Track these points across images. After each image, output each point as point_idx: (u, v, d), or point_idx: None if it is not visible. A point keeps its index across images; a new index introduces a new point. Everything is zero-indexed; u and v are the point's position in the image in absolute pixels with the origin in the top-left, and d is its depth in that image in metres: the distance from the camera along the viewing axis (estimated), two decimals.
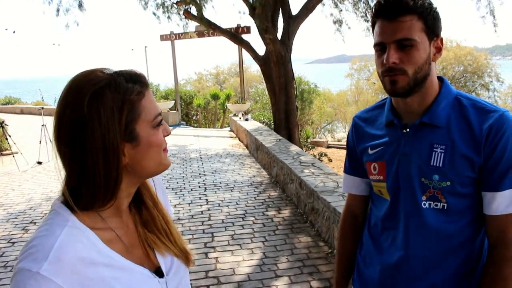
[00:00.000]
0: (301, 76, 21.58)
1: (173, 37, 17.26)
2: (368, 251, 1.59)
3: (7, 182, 8.68)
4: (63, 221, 0.91)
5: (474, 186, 1.35)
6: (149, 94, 0.99)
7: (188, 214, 6.05)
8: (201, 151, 11.11)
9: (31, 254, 0.85)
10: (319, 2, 11.04)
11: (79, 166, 0.91)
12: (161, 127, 1.01)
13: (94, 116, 0.89)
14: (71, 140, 0.90)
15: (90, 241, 0.92)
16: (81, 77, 0.94)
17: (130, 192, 1.02)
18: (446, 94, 1.39)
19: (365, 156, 1.55)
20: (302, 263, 4.29)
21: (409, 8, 1.26)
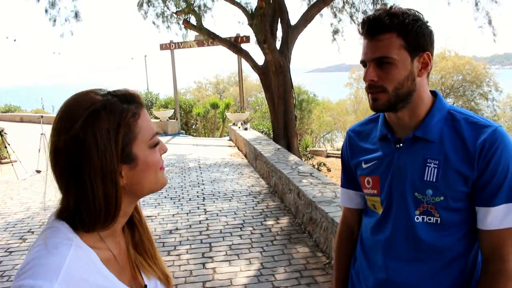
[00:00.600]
0: (300, 85, 21.65)
1: (172, 46, 17.31)
2: (361, 266, 1.59)
3: (6, 191, 8.67)
4: (67, 240, 0.90)
5: (467, 201, 1.35)
6: (145, 114, 0.98)
7: (186, 223, 6.04)
8: (200, 160, 11.11)
9: (39, 271, 0.83)
10: (317, 13, 11.11)
11: (78, 191, 0.90)
12: (158, 146, 1.01)
13: (90, 141, 0.88)
14: (67, 165, 0.90)
15: (92, 262, 0.91)
16: (74, 100, 0.93)
17: (127, 211, 1.02)
18: (439, 109, 1.39)
19: (359, 170, 1.56)
20: (300, 274, 4.28)
21: (387, 26, 1.28)
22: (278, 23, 11.37)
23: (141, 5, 12.63)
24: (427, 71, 1.36)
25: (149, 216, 6.43)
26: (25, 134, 16.80)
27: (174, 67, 18.05)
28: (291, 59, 11.53)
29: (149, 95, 23.41)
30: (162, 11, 12.78)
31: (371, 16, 1.32)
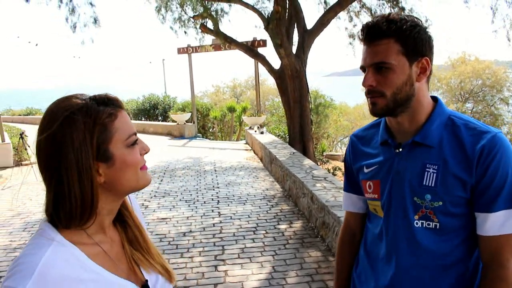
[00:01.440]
0: (317, 89, 21.60)
1: (190, 50, 17.45)
2: (364, 269, 1.61)
3: (25, 192, 8.85)
4: (48, 239, 0.95)
5: (466, 207, 1.36)
6: (123, 115, 1.03)
7: (200, 226, 6.09)
8: (216, 164, 11.18)
9: (16, 272, 0.89)
10: (334, 17, 11.11)
11: (56, 187, 0.96)
12: (138, 146, 1.05)
13: (67, 140, 0.94)
14: (48, 162, 0.96)
15: (75, 258, 0.95)
16: (56, 103, 1.00)
17: (111, 209, 1.06)
18: (439, 114, 1.40)
19: (361, 175, 1.57)
20: (311, 278, 4.29)
21: (385, 32, 1.31)
22: (294, 27, 11.41)
23: (159, 10, 12.79)
24: (426, 76, 1.37)
25: (163, 219, 6.51)
26: None
27: (192, 70, 18.19)
28: (308, 63, 11.55)
29: (166, 98, 23.65)
30: (180, 16, 12.92)
31: (370, 23, 1.35)
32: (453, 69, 30.61)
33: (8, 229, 6.40)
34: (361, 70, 1.39)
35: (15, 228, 6.41)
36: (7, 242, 5.82)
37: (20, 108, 33.79)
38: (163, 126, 19.11)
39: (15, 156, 12.00)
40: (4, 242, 5.85)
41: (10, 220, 6.84)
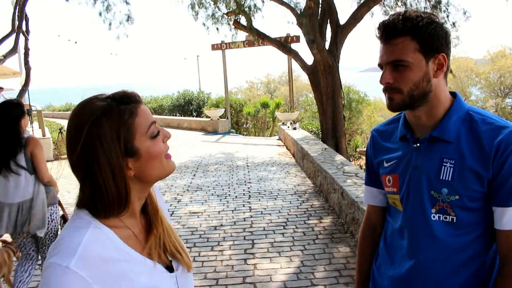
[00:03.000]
0: (350, 85, 21.42)
1: (223, 46, 17.59)
2: (383, 261, 1.63)
3: (64, 185, 9.14)
4: (86, 223, 1.04)
5: (484, 201, 1.37)
6: (142, 109, 1.09)
7: (231, 220, 6.18)
8: (248, 159, 11.27)
9: (60, 251, 0.98)
10: (367, 11, 10.98)
11: (92, 186, 1.04)
12: (160, 135, 1.12)
13: (96, 143, 1.01)
14: (81, 165, 1.04)
15: (110, 240, 1.04)
16: (78, 109, 1.07)
17: (142, 196, 1.15)
18: (457, 109, 1.42)
19: (381, 169, 1.61)
20: (339, 273, 4.31)
21: (400, 30, 1.34)
22: (327, 22, 11.34)
23: (192, 7, 12.95)
24: (443, 72, 1.39)
25: (195, 212, 6.63)
26: None
27: (225, 66, 18.34)
28: (342, 59, 11.47)
29: (200, 94, 23.90)
30: (213, 13, 13.04)
31: (386, 21, 1.38)
32: (493, 63, 29.71)
33: None
34: (379, 67, 1.42)
35: None
36: None
37: (60, 104, 34.84)
38: (197, 122, 19.35)
39: (55, 150, 12.43)
40: None
41: None
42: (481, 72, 30.24)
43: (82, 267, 0.96)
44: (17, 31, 11.04)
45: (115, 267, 1.02)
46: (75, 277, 0.94)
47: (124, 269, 1.03)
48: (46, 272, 0.96)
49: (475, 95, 31.88)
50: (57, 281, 0.94)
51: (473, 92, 32.03)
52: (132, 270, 1.05)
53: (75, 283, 0.94)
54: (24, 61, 11.46)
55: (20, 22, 11.01)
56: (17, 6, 10.96)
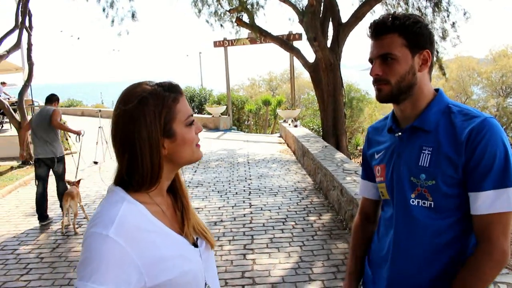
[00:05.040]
0: (352, 83, 21.43)
1: (226, 43, 17.65)
2: (374, 252, 1.71)
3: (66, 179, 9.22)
4: (121, 198, 1.16)
5: (459, 187, 1.44)
6: (183, 99, 1.23)
7: (231, 216, 6.24)
8: (249, 156, 11.32)
9: (100, 222, 1.10)
10: (369, 10, 11.00)
11: (130, 158, 1.16)
12: (194, 126, 1.25)
13: (141, 118, 1.14)
14: (124, 137, 1.16)
15: (142, 213, 1.16)
16: (131, 87, 1.21)
17: (170, 176, 1.27)
18: (438, 102, 1.52)
19: (372, 161, 1.72)
20: (337, 269, 4.36)
21: (389, 28, 1.47)
22: (329, 20, 11.37)
23: (195, 3, 12.98)
24: (427, 66, 1.51)
25: (196, 208, 6.69)
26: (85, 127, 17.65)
27: (227, 64, 18.39)
28: (344, 57, 11.51)
29: (202, 91, 23.94)
30: (216, 9, 13.07)
31: (377, 20, 1.51)
32: (495, 63, 29.66)
33: (49, 213, 6.70)
34: (369, 62, 1.54)
35: (56, 213, 6.74)
36: (49, 226, 6.14)
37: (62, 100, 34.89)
38: (198, 119, 19.41)
39: None
40: (46, 226, 6.17)
41: (51, 206, 7.16)
42: (483, 71, 30.19)
43: (120, 235, 1.07)
44: (20, 27, 11.08)
45: (147, 237, 1.13)
46: (114, 244, 1.05)
47: (155, 239, 1.14)
48: (87, 241, 1.08)
49: (477, 94, 31.83)
50: (98, 248, 1.05)
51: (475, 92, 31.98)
52: (162, 241, 1.16)
53: (114, 249, 1.05)
54: (27, 57, 11.49)
55: (24, 18, 11.04)
56: (20, 2, 11.00)
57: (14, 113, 11.02)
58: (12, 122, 11.41)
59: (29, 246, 5.42)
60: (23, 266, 4.82)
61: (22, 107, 11.00)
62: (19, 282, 4.42)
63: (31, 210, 6.98)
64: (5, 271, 4.69)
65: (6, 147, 11.86)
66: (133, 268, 1.08)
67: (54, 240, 5.59)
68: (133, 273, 1.08)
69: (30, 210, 7.04)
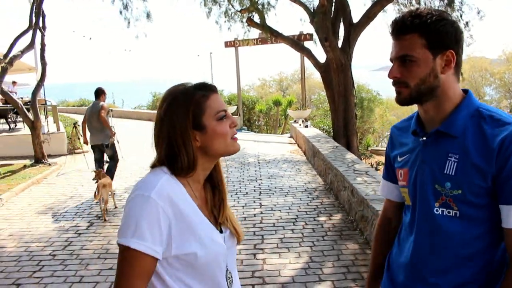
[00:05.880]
0: (364, 83, 21.34)
1: (237, 43, 17.67)
2: (394, 256, 1.67)
3: (77, 178, 9.33)
4: (164, 172, 1.30)
5: (487, 197, 1.36)
6: (215, 96, 1.35)
7: (241, 216, 6.26)
8: (260, 156, 11.33)
9: (142, 186, 1.25)
10: (380, 10, 10.95)
11: (169, 148, 1.31)
12: (227, 120, 1.34)
13: (172, 115, 1.30)
14: (162, 130, 1.32)
15: (179, 189, 1.30)
16: (170, 88, 1.37)
17: (206, 167, 1.38)
18: (467, 105, 1.43)
19: (395, 163, 1.66)
20: (347, 269, 4.36)
21: (409, 27, 1.39)
22: (340, 21, 11.34)
23: (205, 3, 13.01)
24: (451, 68, 1.41)
25: None
26: None
27: (238, 64, 18.42)
28: (356, 57, 11.49)
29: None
30: (226, 10, 13.09)
31: (397, 18, 1.44)
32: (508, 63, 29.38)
33: (62, 212, 6.80)
34: (390, 62, 1.48)
35: (67, 211, 6.80)
36: (61, 224, 6.21)
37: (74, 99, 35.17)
38: None
39: (69, 144, 12.60)
40: (58, 223, 6.24)
41: (63, 204, 7.26)
42: (496, 72, 29.89)
43: (160, 197, 1.22)
44: (34, 28, 11.19)
45: (183, 208, 1.27)
46: (155, 204, 1.20)
47: (188, 213, 1.27)
48: (130, 203, 1.23)
49: (489, 95, 31.54)
50: (141, 206, 1.20)
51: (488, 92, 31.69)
52: (194, 217, 1.29)
53: (154, 208, 1.20)
54: (40, 57, 11.60)
55: (37, 19, 11.15)
56: (34, 3, 11.12)
57: (27, 112, 11.13)
58: (25, 121, 11.52)
59: (41, 243, 5.48)
60: (35, 263, 4.87)
61: (35, 106, 11.11)
62: (31, 279, 4.48)
63: (44, 208, 7.07)
64: (18, 268, 4.75)
65: (19, 146, 12.00)
66: (168, 229, 1.22)
67: (66, 238, 5.65)
68: (166, 233, 1.22)
69: (42, 208, 7.11)
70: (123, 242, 1.19)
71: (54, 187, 8.64)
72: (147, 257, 1.19)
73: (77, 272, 4.61)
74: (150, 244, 1.19)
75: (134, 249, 1.18)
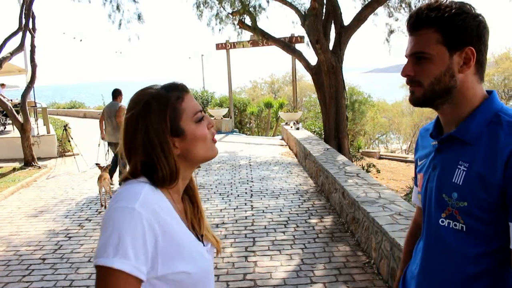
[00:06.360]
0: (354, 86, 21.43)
1: (228, 46, 17.66)
2: (409, 265, 1.60)
3: (68, 181, 9.27)
4: (144, 182, 1.18)
5: (496, 213, 1.23)
6: (189, 97, 1.25)
7: (232, 218, 6.25)
8: (251, 158, 11.33)
9: (124, 197, 1.11)
10: (371, 13, 11.01)
11: (146, 160, 1.19)
12: (204, 121, 1.26)
13: (147, 123, 1.18)
14: (136, 141, 1.19)
15: (162, 199, 1.19)
16: (137, 93, 1.25)
17: (186, 176, 1.29)
18: (485, 109, 1.30)
19: (417, 167, 1.57)
20: (339, 271, 4.37)
21: (424, 21, 1.28)
22: (331, 23, 11.39)
23: (197, 6, 13.01)
24: (470, 67, 1.28)
25: None
26: (87, 129, 17.71)
27: (229, 66, 18.40)
28: (347, 60, 11.51)
29: (204, 93, 23.97)
30: (218, 12, 13.10)
31: (413, 12, 1.32)
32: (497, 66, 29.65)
33: (52, 215, 6.75)
34: (406, 58, 1.37)
35: (58, 215, 6.75)
36: (51, 227, 6.16)
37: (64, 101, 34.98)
38: None
39: (59, 147, 12.51)
40: (49, 227, 6.19)
41: (53, 207, 7.21)
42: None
43: (145, 209, 1.09)
44: (24, 29, 11.11)
45: (167, 219, 1.15)
46: (140, 216, 1.07)
47: (173, 224, 1.16)
48: (111, 216, 1.08)
49: None
50: (124, 219, 1.06)
51: None
52: (180, 230, 1.19)
53: (139, 221, 1.07)
54: (30, 59, 11.51)
55: (27, 20, 11.08)
56: (24, 5, 11.04)
57: (17, 114, 11.04)
58: (14, 123, 11.43)
59: (31, 247, 5.44)
60: (25, 267, 4.83)
61: (25, 108, 11.03)
62: (21, 283, 4.44)
63: (33, 212, 7.02)
64: (8, 272, 4.71)
65: (8, 148, 11.92)
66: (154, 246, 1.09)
67: (56, 241, 5.61)
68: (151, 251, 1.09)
69: (32, 211, 7.06)
70: (104, 263, 1.02)
71: (44, 190, 8.57)
72: (131, 278, 1.03)
73: (68, 276, 4.57)
74: (134, 262, 1.04)
75: (118, 269, 1.02)
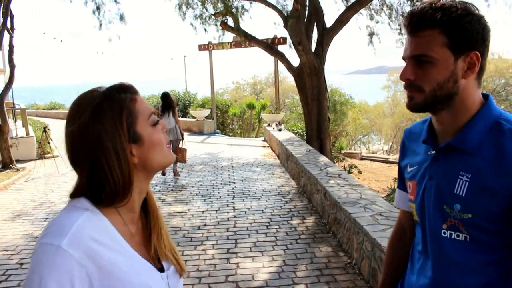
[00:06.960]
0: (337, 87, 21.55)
1: (211, 47, 17.61)
2: (407, 274, 1.52)
3: (47, 184, 9.12)
4: (83, 208, 1.02)
5: (503, 224, 1.19)
6: (140, 98, 1.11)
7: (214, 220, 6.22)
8: (233, 160, 11.31)
9: (53, 231, 0.96)
10: (353, 15, 11.08)
11: (97, 173, 1.03)
12: (159, 126, 1.13)
13: (100, 129, 1.02)
14: (83, 152, 1.03)
15: (106, 228, 1.02)
16: (80, 98, 1.08)
17: (142, 188, 1.13)
18: (484, 116, 1.24)
19: (405, 173, 1.48)
20: (320, 272, 4.37)
21: (428, 22, 1.18)
22: (313, 25, 11.43)
23: (180, 7, 12.95)
24: (474, 72, 1.21)
25: (179, 212, 6.65)
26: None
27: (212, 67, 18.35)
28: (329, 61, 11.59)
29: (187, 95, 23.87)
30: (201, 13, 13.06)
31: (414, 10, 1.22)
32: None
33: (30, 218, 6.64)
34: (403, 60, 1.28)
35: (37, 218, 6.64)
36: (30, 231, 6.05)
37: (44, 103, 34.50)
38: (182, 122, 19.29)
39: (39, 149, 12.33)
40: (27, 230, 6.07)
41: (32, 210, 7.09)
42: None
43: (74, 247, 0.93)
44: (2, 28, 10.92)
45: (109, 255, 0.99)
46: (68, 257, 0.92)
47: (117, 260, 1.00)
48: (36, 253, 0.94)
49: None
50: (48, 260, 0.92)
51: None
52: (126, 263, 1.02)
53: (66, 262, 0.92)
54: (9, 59, 11.31)
55: (5, 19, 10.88)
56: (1, 3, 10.85)
57: None
58: None
59: (8, 252, 5.33)
60: (1, 272, 4.73)
61: (3, 110, 10.83)
62: None
63: (11, 215, 6.88)
64: None
65: None
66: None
67: (33, 245, 5.50)
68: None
69: (10, 215, 6.93)
70: None
71: (23, 193, 8.42)
72: None
73: None
74: None
75: None
